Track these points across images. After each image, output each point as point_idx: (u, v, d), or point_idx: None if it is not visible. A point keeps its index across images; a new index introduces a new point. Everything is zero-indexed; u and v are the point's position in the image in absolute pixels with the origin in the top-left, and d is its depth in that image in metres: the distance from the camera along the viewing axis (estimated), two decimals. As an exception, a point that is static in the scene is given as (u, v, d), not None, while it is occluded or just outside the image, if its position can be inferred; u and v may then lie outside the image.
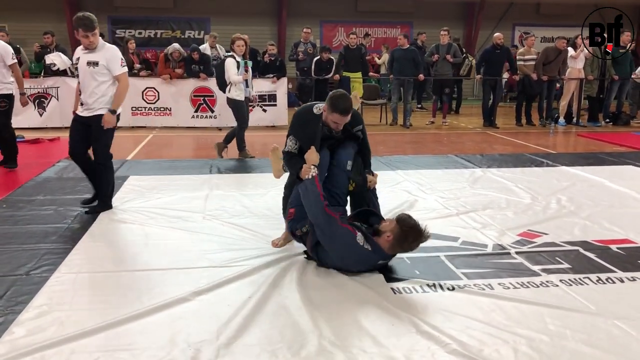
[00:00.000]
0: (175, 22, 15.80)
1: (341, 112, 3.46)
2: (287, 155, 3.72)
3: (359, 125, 3.75)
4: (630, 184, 5.65)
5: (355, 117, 3.71)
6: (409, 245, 3.26)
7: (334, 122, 3.52)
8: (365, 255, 3.24)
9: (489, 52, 10.57)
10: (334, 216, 3.29)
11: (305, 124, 3.66)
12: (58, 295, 3.04)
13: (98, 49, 4.47)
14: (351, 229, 3.27)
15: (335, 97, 3.50)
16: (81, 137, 4.63)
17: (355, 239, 3.22)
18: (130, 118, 10.07)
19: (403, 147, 8.44)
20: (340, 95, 3.51)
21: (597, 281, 3.27)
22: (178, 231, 4.14)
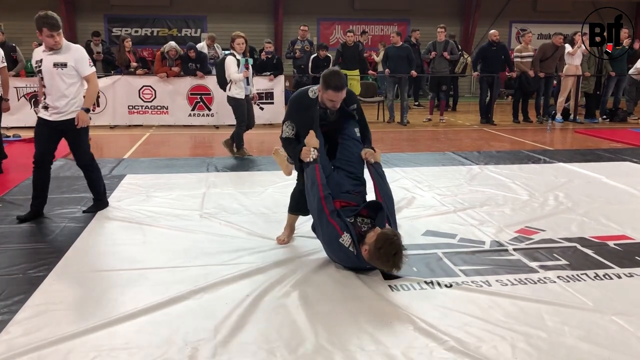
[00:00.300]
0: (171, 20, 15.77)
1: (335, 89, 3.44)
2: (285, 141, 3.70)
3: (354, 104, 3.75)
4: (627, 181, 5.66)
5: (350, 96, 3.69)
6: (381, 265, 3.13)
7: (330, 99, 3.50)
8: (347, 256, 3.21)
9: (485, 49, 10.56)
10: (325, 210, 3.26)
11: (303, 108, 3.63)
12: (54, 294, 3.03)
13: (64, 50, 4.26)
14: (338, 228, 3.19)
15: (327, 74, 3.49)
16: (50, 142, 4.40)
17: (339, 239, 3.18)
18: (127, 116, 10.07)
19: (400, 144, 8.44)
20: (332, 72, 3.51)
21: (595, 277, 3.27)
22: (175, 230, 4.13)
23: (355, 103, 3.76)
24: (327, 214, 3.25)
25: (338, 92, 3.46)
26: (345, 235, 3.18)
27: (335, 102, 3.52)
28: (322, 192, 3.32)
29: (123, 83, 10.01)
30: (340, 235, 3.18)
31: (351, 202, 3.45)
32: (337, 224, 3.22)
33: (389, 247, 3.04)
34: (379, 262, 3.12)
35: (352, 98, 3.73)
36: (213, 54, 10.87)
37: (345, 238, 3.17)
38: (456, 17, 16.82)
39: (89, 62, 4.38)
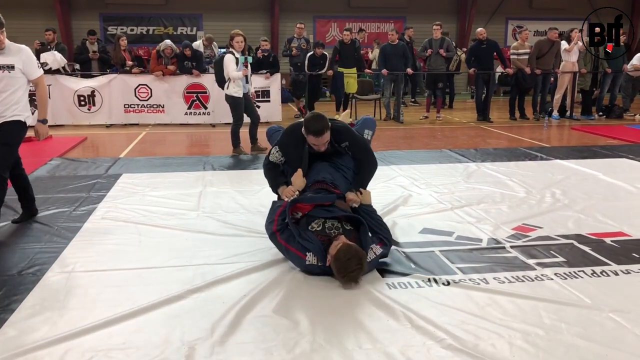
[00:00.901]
0: (167, 18, 15.73)
1: (314, 134, 3.43)
2: (270, 165, 3.69)
3: (346, 141, 3.62)
4: (623, 177, 5.66)
5: (341, 132, 3.59)
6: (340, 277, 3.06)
7: (313, 144, 3.51)
8: (323, 271, 3.17)
9: (475, 47, 10.59)
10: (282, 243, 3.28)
11: (293, 143, 3.62)
12: (51, 294, 3.01)
13: (8, 51, 3.96)
14: (298, 252, 3.20)
15: (308, 118, 3.47)
16: None
17: (305, 262, 3.18)
18: (122, 115, 10.04)
19: (397, 142, 8.43)
20: (312, 117, 3.47)
21: (592, 274, 3.27)
22: (172, 229, 4.12)
23: (347, 140, 3.62)
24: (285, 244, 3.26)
25: (318, 137, 3.44)
26: (310, 255, 3.16)
27: (319, 146, 3.50)
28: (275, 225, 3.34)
29: (119, 82, 9.98)
30: (303, 258, 3.18)
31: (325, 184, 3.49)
32: (296, 251, 3.21)
33: (341, 266, 3.00)
34: (338, 275, 3.06)
35: (343, 135, 3.60)
36: (209, 53, 10.85)
37: (310, 258, 3.16)
38: (452, 14, 16.83)
39: (37, 64, 4.14)
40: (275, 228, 3.34)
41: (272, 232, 3.36)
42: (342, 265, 3.00)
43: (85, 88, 9.89)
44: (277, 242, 3.35)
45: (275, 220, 3.37)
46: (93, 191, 5.17)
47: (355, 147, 3.67)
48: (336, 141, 3.60)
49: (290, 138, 3.64)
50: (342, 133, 3.62)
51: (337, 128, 3.59)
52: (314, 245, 3.17)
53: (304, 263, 3.20)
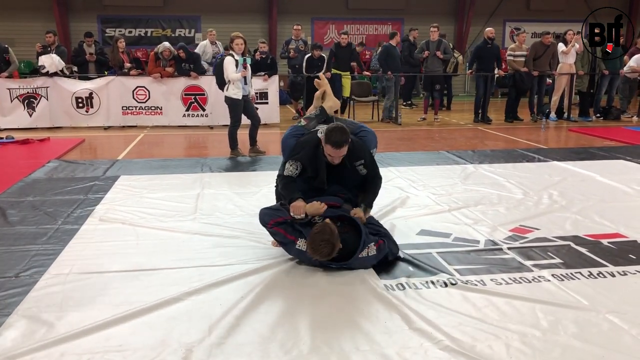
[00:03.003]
0: (165, 20, 15.73)
1: (333, 145, 3.37)
2: (286, 179, 3.58)
3: (361, 160, 3.59)
4: (620, 178, 5.68)
5: (356, 151, 3.56)
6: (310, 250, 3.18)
7: (328, 154, 3.45)
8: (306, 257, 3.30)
9: (481, 47, 10.59)
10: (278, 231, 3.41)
11: (310, 156, 3.54)
12: (48, 297, 3.01)
13: None
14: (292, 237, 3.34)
15: (330, 128, 3.42)
16: None
17: (295, 246, 3.33)
18: (120, 117, 10.04)
19: (395, 143, 8.44)
20: (335, 127, 3.42)
21: (589, 276, 3.28)
22: (169, 231, 4.12)
23: (363, 159, 3.60)
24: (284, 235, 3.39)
25: (336, 149, 3.39)
26: (300, 240, 3.31)
27: (334, 158, 3.45)
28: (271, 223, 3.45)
29: (117, 84, 9.98)
30: (294, 244, 3.32)
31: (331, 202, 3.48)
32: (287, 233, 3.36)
33: (311, 239, 3.15)
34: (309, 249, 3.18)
35: (359, 153, 3.58)
36: (216, 50, 10.77)
37: (300, 243, 3.30)
38: (450, 16, 16.85)
39: None
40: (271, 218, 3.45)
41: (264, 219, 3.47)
42: (311, 238, 3.14)
43: (83, 90, 9.88)
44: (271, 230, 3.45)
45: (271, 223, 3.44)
46: (91, 193, 5.17)
47: (370, 166, 3.67)
48: (350, 159, 3.54)
49: (307, 151, 3.56)
50: (358, 151, 3.58)
51: (355, 145, 3.55)
52: (305, 231, 3.30)
53: (292, 248, 3.32)
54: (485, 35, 10.55)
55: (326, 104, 3.96)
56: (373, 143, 3.81)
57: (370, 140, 3.79)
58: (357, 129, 3.89)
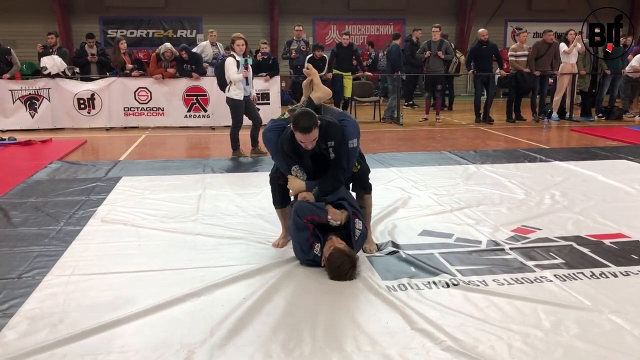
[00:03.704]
0: (166, 21, 15.75)
1: (301, 130, 3.33)
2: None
3: (332, 141, 3.49)
4: (622, 178, 5.67)
5: (329, 132, 3.47)
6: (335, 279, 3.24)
7: (300, 140, 3.40)
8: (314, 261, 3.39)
9: (476, 48, 10.61)
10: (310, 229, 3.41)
11: (290, 140, 3.50)
12: (50, 298, 3.02)
13: None
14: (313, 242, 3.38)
15: (297, 115, 3.41)
16: None
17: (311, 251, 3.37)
18: (122, 118, 10.05)
19: (397, 144, 8.44)
20: (301, 113, 3.41)
21: (591, 276, 3.28)
22: (171, 232, 4.12)
23: (334, 139, 3.49)
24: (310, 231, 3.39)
25: (305, 134, 3.34)
26: (317, 246, 3.37)
27: (305, 143, 3.41)
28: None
29: (118, 85, 10.00)
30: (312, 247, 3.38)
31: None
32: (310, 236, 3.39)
33: (335, 270, 3.21)
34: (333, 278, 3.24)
35: (331, 134, 3.48)
36: (217, 52, 10.77)
37: (317, 248, 3.37)
38: (452, 17, 16.84)
39: None
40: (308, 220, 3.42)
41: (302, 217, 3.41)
42: (336, 271, 3.21)
43: (85, 91, 9.90)
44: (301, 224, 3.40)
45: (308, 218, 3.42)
46: (93, 194, 5.17)
47: (338, 151, 3.53)
48: (323, 139, 3.47)
49: (288, 146, 3.53)
50: (331, 132, 3.50)
51: (329, 127, 3.49)
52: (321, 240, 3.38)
53: (309, 251, 3.37)
54: (479, 37, 10.56)
55: (314, 94, 3.84)
56: (354, 134, 3.61)
57: (350, 131, 3.59)
58: (338, 117, 3.76)
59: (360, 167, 3.75)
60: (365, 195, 3.80)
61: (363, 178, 3.78)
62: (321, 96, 3.84)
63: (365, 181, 3.80)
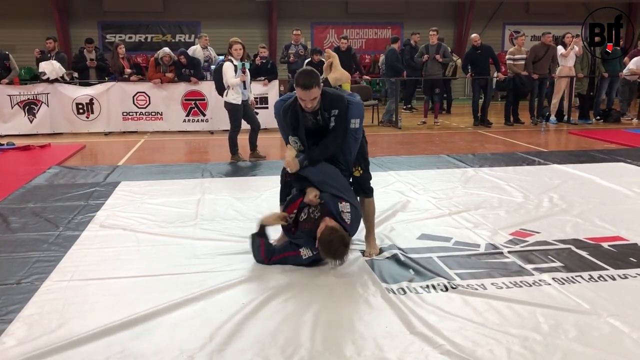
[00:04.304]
0: (165, 26, 15.76)
1: (302, 87, 3.38)
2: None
3: (336, 109, 3.49)
4: (621, 181, 5.68)
5: (333, 101, 3.49)
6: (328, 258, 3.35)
7: (300, 98, 3.44)
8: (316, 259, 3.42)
9: (471, 53, 10.65)
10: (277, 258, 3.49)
11: (292, 106, 3.57)
12: (49, 303, 3.01)
13: None
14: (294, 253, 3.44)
15: (298, 72, 3.49)
16: None
17: (302, 259, 3.41)
18: (121, 123, 10.06)
19: (395, 147, 8.45)
20: (303, 71, 3.51)
21: (590, 279, 3.28)
22: (170, 236, 4.12)
23: (338, 109, 3.50)
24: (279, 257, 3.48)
25: (305, 91, 3.38)
26: (302, 250, 3.40)
27: (305, 102, 3.43)
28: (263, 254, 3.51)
29: (117, 90, 10.01)
30: (300, 256, 3.42)
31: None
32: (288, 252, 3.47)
33: (325, 246, 3.26)
34: (325, 257, 3.33)
35: (335, 102, 3.51)
36: (208, 55, 10.82)
37: (304, 252, 3.41)
38: (450, 20, 16.88)
39: None
40: (264, 255, 3.50)
41: (262, 259, 3.51)
42: (326, 246, 3.26)
43: (83, 96, 9.91)
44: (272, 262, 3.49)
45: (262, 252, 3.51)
46: (91, 199, 5.17)
47: (339, 121, 3.52)
48: (325, 107, 3.49)
49: (290, 114, 3.58)
50: (335, 101, 3.51)
51: (333, 96, 3.52)
52: (302, 240, 3.43)
53: (301, 259, 3.41)
54: (472, 42, 10.60)
55: (332, 75, 3.93)
56: (356, 114, 3.60)
57: (353, 111, 3.58)
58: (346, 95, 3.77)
59: (363, 172, 3.75)
60: (367, 199, 3.81)
61: (364, 182, 3.78)
62: (339, 77, 3.97)
63: (366, 185, 3.80)
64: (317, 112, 3.54)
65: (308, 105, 3.46)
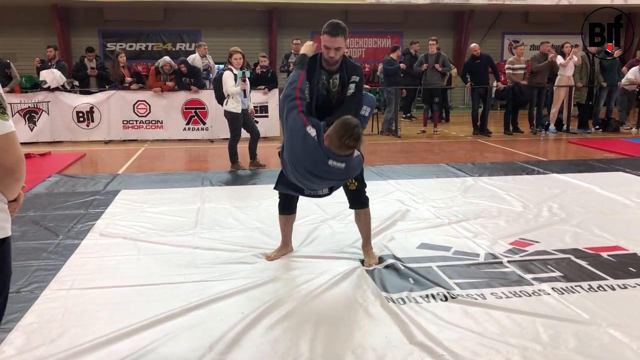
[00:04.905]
0: (165, 34, 15.82)
1: (328, 34, 3.46)
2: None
3: (357, 77, 3.55)
4: (620, 191, 5.69)
5: (356, 68, 3.59)
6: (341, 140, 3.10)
7: (325, 46, 3.48)
8: (310, 146, 3.19)
9: (470, 63, 10.70)
10: (299, 107, 3.31)
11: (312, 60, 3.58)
12: (49, 312, 3.01)
13: None
14: (305, 120, 3.27)
15: (327, 23, 3.54)
16: None
17: (306, 127, 3.23)
18: (121, 131, 10.08)
19: (395, 156, 8.46)
20: (330, 22, 3.55)
21: (589, 289, 3.28)
22: (169, 245, 4.12)
23: (359, 76, 3.57)
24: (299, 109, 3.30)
25: (332, 37, 3.45)
26: (311, 128, 3.23)
27: (330, 50, 3.47)
28: (298, 92, 3.36)
29: (117, 98, 10.03)
30: (306, 125, 3.23)
31: None
32: (305, 118, 3.28)
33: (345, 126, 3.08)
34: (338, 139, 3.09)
35: (356, 69, 3.60)
36: (207, 63, 10.86)
37: (310, 129, 3.23)
38: (449, 29, 16.95)
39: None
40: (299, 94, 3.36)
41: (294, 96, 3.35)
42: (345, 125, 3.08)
43: (84, 104, 9.93)
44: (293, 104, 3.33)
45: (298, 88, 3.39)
46: (91, 208, 5.18)
47: (358, 90, 3.54)
48: (348, 73, 3.54)
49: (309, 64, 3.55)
50: (357, 69, 3.60)
51: (353, 63, 3.62)
52: (316, 122, 3.28)
53: (303, 127, 3.22)
54: (471, 51, 10.65)
55: None
56: (370, 102, 3.67)
57: (367, 98, 3.67)
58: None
59: (358, 184, 3.70)
60: (363, 210, 3.79)
61: (359, 194, 3.74)
62: None
63: (362, 197, 3.75)
64: (333, 74, 3.54)
65: (331, 54, 3.48)
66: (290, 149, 3.34)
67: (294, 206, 3.86)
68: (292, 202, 3.83)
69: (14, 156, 1.70)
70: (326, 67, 3.55)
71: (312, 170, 3.24)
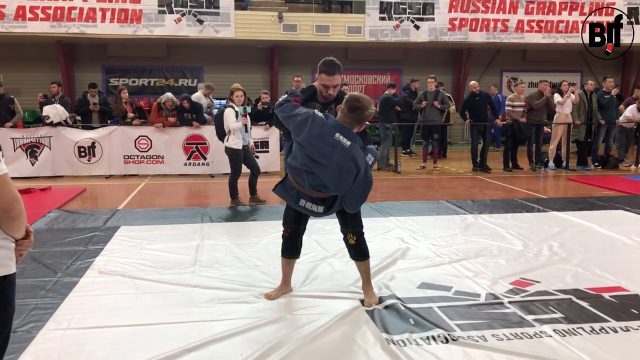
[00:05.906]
0: (168, 70, 16.03)
1: (326, 72, 3.53)
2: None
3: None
4: (620, 229, 5.68)
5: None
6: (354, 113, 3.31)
7: (323, 84, 3.56)
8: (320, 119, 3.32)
9: (469, 100, 10.82)
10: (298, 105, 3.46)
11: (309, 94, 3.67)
12: (45, 353, 2.98)
13: None
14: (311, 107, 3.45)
15: (322, 61, 3.60)
16: None
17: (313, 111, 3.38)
18: (122, 166, 10.12)
19: (395, 192, 8.48)
20: (325, 60, 3.60)
21: (591, 331, 3.25)
22: (168, 284, 4.10)
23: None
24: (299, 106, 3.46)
25: (330, 76, 3.54)
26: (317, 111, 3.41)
27: (329, 89, 3.58)
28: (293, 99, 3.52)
29: (119, 133, 10.11)
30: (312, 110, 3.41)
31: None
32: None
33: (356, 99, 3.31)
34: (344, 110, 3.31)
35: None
36: (209, 103, 11.01)
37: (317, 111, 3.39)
38: (448, 67, 17.17)
39: None
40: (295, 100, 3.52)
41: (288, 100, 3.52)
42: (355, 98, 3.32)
43: (85, 139, 10.00)
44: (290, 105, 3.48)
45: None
46: (91, 244, 5.16)
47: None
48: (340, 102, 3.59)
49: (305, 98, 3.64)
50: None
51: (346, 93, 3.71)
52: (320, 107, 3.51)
53: (311, 112, 3.36)
54: (470, 88, 10.78)
55: None
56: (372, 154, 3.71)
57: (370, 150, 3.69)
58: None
59: (357, 238, 3.69)
60: (362, 262, 3.76)
61: (358, 247, 3.72)
62: None
63: (361, 249, 3.73)
64: (329, 105, 3.66)
65: (330, 92, 3.59)
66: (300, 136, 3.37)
67: (296, 250, 3.84)
68: (296, 245, 3.81)
69: (6, 196, 1.83)
70: (322, 100, 3.68)
71: (321, 136, 3.30)
